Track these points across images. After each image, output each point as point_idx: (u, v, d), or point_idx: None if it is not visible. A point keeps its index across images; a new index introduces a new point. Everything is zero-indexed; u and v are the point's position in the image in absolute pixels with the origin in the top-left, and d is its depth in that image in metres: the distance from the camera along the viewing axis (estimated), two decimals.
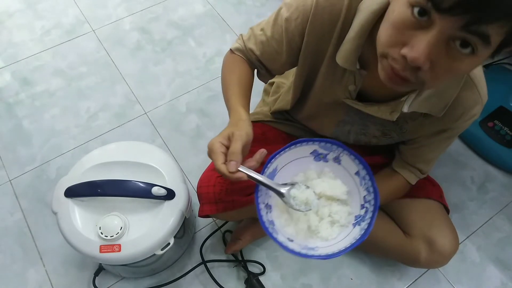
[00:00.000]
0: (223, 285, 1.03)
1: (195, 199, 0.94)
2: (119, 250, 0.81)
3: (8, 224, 1.13)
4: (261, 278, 1.06)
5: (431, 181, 0.99)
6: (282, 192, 0.64)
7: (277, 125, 0.97)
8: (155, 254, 0.86)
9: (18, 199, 1.17)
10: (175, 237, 0.88)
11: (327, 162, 0.71)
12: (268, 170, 0.67)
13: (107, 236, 0.81)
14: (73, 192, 0.84)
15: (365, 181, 0.67)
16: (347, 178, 0.70)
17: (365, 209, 0.67)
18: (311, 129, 0.91)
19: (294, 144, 0.68)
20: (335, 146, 0.68)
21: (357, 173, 0.68)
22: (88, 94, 1.39)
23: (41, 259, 1.08)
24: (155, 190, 0.83)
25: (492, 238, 1.17)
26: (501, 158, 1.27)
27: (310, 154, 0.70)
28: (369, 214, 0.65)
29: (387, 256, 1.06)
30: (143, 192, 0.83)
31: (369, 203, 0.66)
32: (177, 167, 0.92)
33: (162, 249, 0.86)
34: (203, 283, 1.06)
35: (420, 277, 1.10)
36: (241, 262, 1.07)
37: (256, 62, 0.78)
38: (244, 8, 1.65)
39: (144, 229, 0.83)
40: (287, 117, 0.96)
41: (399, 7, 0.47)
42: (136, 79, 1.43)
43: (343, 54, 0.65)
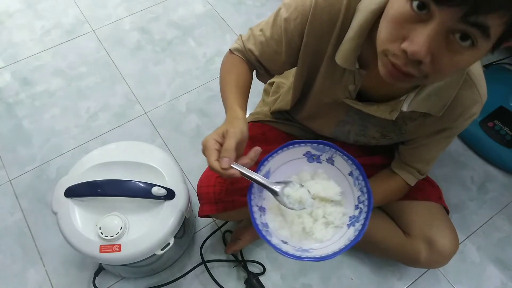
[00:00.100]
0: (223, 285, 1.03)
1: (195, 199, 0.94)
2: (119, 250, 0.81)
3: (8, 224, 1.13)
4: (261, 278, 1.06)
5: (431, 182, 0.99)
6: (276, 190, 0.63)
7: (277, 125, 0.97)
8: (155, 254, 0.86)
9: (18, 199, 1.17)
10: (175, 237, 0.88)
11: (320, 163, 0.70)
12: (261, 173, 0.67)
13: (107, 236, 0.81)
14: (73, 192, 0.84)
15: (359, 181, 0.67)
16: (340, 178, 0.70)
17: (359, 209, 0.66)
18: (311, 129, 0.91)
19: (287, 146, 0.68)
20: (327, 147, 0.68)
21: (351, 174, 0.68)
22: (88, 94, 1.39)
23: (41, 259, 1.08)
24: (155, 190, 0.83)
25: (492, 238, 1.17)
26: (501, 158, 1.27)
27: (303, 155, 0.70)
28: (363, 215, 0.65)
29: (387, 256, 1.06)
30: (143, 192, 0.83)
31: (363, 203, 0.66)
32: (177, 167, 0.92)
33: (162, 249, 0.86)
34: (203, 283, 1.06)
35: (420, 277, 1.10)
36: (241, 262, 1.07)
37: (255, 63, 0.78)
38: (244, 8, 1.65)
39: (144, 229, 0.83)
40: (287, 117, 0.96)
41: (398, 1, 0.48)
42: (136, 79, 1.43)
43: (343, 54, 0.65)
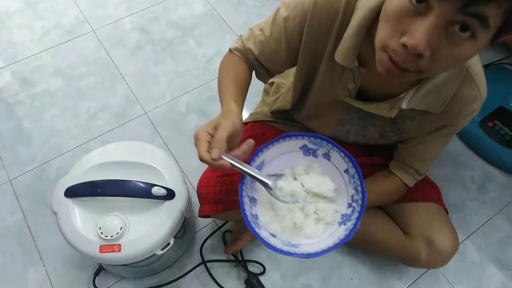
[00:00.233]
0: (223, 285, 1.03)
1: (195, 199, 0.94)
2: (119, 250, 0.81)
3: (8, 224, 1.13)
4: (261, 278, 1.06)
5: (430, 183, 0.98)
6: (267, 183, 0.62)
7: (277, 125, 0.97)
8: (155, 254, 0.86)
9: (18, 199, 1.17)
10: (175, 237, 0.88)
11: (316, 157, 0.69)
12: (255, 164, 0.66)
13: (107, 236, 0.81)
14: (73, 192, 0.84)
15: (354, 179, 0.66)
16: (336, 175, 0.68)
17: (352, 208, 0.65)
18: (311, 129, 0.91)
19: (283, 138, 0.67)
20: (324, 142, 0.67)
21: (346, 171, 0.67)
22: (88, 94, 1.39)
23: (41, 259, 1.08)
24: (155, 190, 0.83)
25: (492, 238, 1.17)
26: (501, 158, 1.27)
27: (300, 148, 0.69)
28: (356, 214, 0.63)
29: (387, 256, 1.06)
30: (143, 192, 0.83)
31: (356, 202, 0.65)
32: (177, 167, 0.92)
33: (162, 249, 0.86)
34: (203, 283, 1.06)
35: (420, 277, 1.10)
36: (241, 262, 1.07)
37: (254, 62, 0.78)
38: (244, 8, 1.65)
39: (144, 229, 0.83)
40: (287, 117, 0.96)
41: None
42: (136, 79, 1.43)
43: (342, 52, 0.65)
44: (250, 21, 1.61)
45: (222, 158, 0.58)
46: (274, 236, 0.64)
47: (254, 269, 1.08)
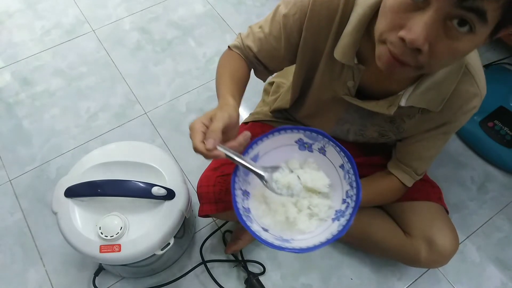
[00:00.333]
0: (223, 285, 1.03)
1: (195, 199, 0.94)
2: (119, 250, 0.81)
3: (8, 224, 1.13)
4: (261, 278, 1.06)
5: (431, 182, 0.99)
6: (262, 175, 0.61)
7: (277, 124, 0.97)
8: (155, 254, 0.86)
9: (18, 199, 1.17)
10: (175, 237, 0.88)
11: (312, 152, 0.68)
12: (249, 156, 0.65)
13: (107, 236, 0.81)
14: (73, 192, 0.84)
15: (349, 175, 0.64)
16: (331, 170, 0.67)
17: (346, 204, 0.64)
18: None
19: (278, 130, 0.65)
20: (320, 136, 0.65)
21: (342, 166, 0.65)
22: (88, 94, 1.39)
23: (41, 259, 1.08)
24: (155, 190, 0.83)
25: (492, 238, 1.17)
26: (501, 158, 1.27)
27: (295, 142, 0.68)
28: (350, 210, 0.62)
29: (387, 256, 1.06)
30: (143, 192, 0.83)
31: (351, 198, 0.63)
32: (177, 167, 0.92)
33: (162, 249, 0.86)
34: (203, 283, 1.06)
35: (420, 277, 1.10)
36: (241, 262, 1.07)
37: (253, 60, 0.78)
38: (244, 8, 1.65)
39: (144, 229, 0.83)
40: (287, 117, 0.96)
41: None
42: (136, 79, 1.43)
43: (341, 49, 0.65)
44: (250, 21, 1.61)
45: (217, 149, 0.56)
46: (266, 230, 0.63)
47: (254, 269, 1.08)
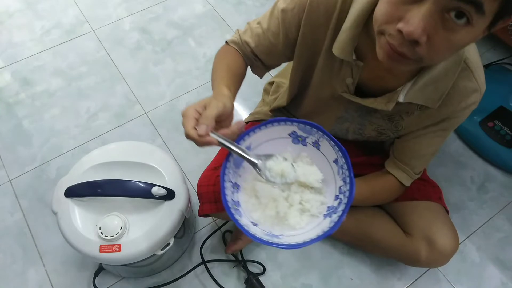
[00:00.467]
0: (223, 285, 1.03)
1: (195, 199, 0.94)
2: (119, 250, 0.81)
3: (8, 224, 1.13)
4: (261, 278, 1.06)
5: (431, 182, 0.99)
6: (255, 162, 0.59)
7: None
8: (155, 254, 0.86)
9: (18, 199, 1.17)
10: (175, 237, 0.88)
11: (305, 146, 0.66)
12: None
13: (107, 236, 0.81)
14: (73, 192, 0.84)
15: (343, 170, 0.62)
16: (324, 165, 0.65)
17: (339, 200, 0.62)
18: None
19: (271, 122, 0.63)
20: (314, 130, 0.63)
21: (336, 161, 0.63)
22: (88, 94, 1.39)
23: (41, 259, 1.08)
24: (155, 190, 0.83)
25: (492, 238, 1.17)
26: (501, 158, 1.27)
27: (289, 135, 0.66)
28: (342, 206, 0.60)
29: (387, 256, 1.06)
30: (143, 192, 0.83)
31: (343, 194, 0.61)
32: (177, 167, 0.92)
33: (162, 249, 0.86)
34: (203, 283, 1.06)
35: (420, 277, 1.10)
36: (241, 262, 1.07)
37: (250, 55, 0.78)
38: (244, 8, 1.65)
39: (144, 229, 0.83)
40: (286, 115, 0.96)
41: None
42: (136, 79, 1.43)
43: (340, 45, 0.65)
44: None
45: (209, 135, 0.55)
46: (256, 225, 0.61)
47: (254, 269, 1.08)
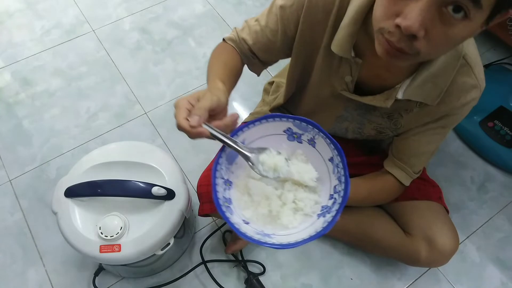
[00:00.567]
0: (223, 285, 1.03)
1: (195, 199, 0.94)
2: (119, 250, 0.81)
3: (8, 224, 1.13)
4: (261, 278, 1.06)
5: (431, 182, 0.99)
6: (248, 155, 0.58)
7: None
8: (155, 254, 0.86)
9: (18, 199, 1.17)
10: (175, 237, 0.88)
11: (301, 143, 0.64)
12: None
13: (107, 236, 0.81)
14: (73, 192, 0.84)
15: (338, 169, 0.61)
16: (320, 163, 0.63)
17: (333, 199, 0.60)
18: None
19: (266, 118, 0.62)
20: (310, 127, 0.62)
21: (331, 160, 0.62)
22: (88, 94, 1.39)
23: (41, 259, 1.08)
24: (155, 190, 0.83)
25: (492, 238, 1.17)
26: (501, 158, 1.27)
27: (284, 132, 0.64)
28: (336, 206, 0.58)
29: (387, 255, 1.06)
30: (143, 192, 0.83)
31: (338, 194, 0.60)
32: (177, 167, 0.92)
33: (162, 249, 0.86)
34: (203, 283, 1.06)
35: (420, 277, 1.10)
36: (241, 262, 1.07)
37: (247, 53, 0.77)
38: (244, 8, 1.66)
39: (144, 229, 0.83)
40: None
41: None
42: (136, 79, 1.43)
43: (338, 42, 0.65)
44: None
45: (201, 126, 0.53)
46: (247, 223, 0.60)
47: (254, 269, 1.08)
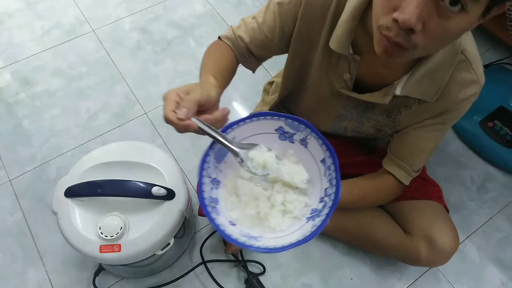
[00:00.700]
0: (223, 285, 1.03)
1: (195, 199, 0.94)
2: (119, 250, 0.81)
3: (8, 224, 1.13)
4: (261, 278, 1.06)
5: (431, 182, 0.99)
6: (237, 151, 0.57)
7: None
8: (155, 254, 0.86)
9: (18, 199, 1.17)
10: (175, 237, 0.88)
11: (293, 143, 0.62)
12: None
13: (107, 236, 0.81)
14: (73, 192, 0.84)
15: (330, 171, 0.59)
16: (311, 164, 0.61)
17: (323, 203, 0.58)
18: None
19: (257, 116, 0.60)
20: (303, 126, 0.60)
21: (323, 161, 0.60)
22: (88, 94, 1.39)
23: (41, 259, 1.08)
24: (155, 190, 0.83)
25: (492, 238, 1.17)
26: (501, 158, 1.27)
27: (275, 131, 0.62)
28: (326, 210, 0.56)
29: (387, 255, 1.06)
30: (143, 192, 0.83)
31: (329, 197, 0.58)
32: (177, 167, 0.92)
33: (162, 249, 0.86)
34: (203, 283, 1.06)
35: (420, 277, 1.10)
36: (241, 262, 1.07)
37: (244, 51, 0.77)
38: (244, 8, 1.65)
39: (144, 229, 0.83)
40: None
41: None
42: (136, 79, 1.43)
43: (336, 39, 0.65)
44: None
45: (190, 120, 0.52)
46: (234, 225, 0.58)
47: (254, 269, 1.08)
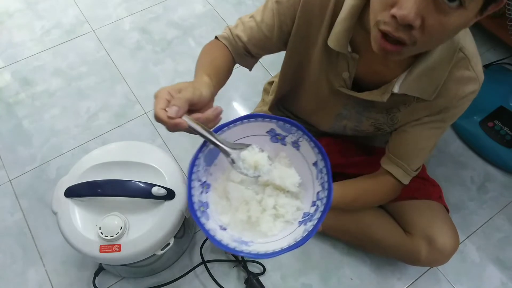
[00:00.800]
0: (223, 285, 1.03)
1: None
2: (119, 250, 0.81)
3: (8, 224, 1.13)
4: (261, 278, 1.06)
5: (431, 181, 0.99)
6: (228, 151, 0.56)
7: None
8: (155, 254, 0.86)
9: (18, 199, 1.17)
10: (175, 237, 0.88)
11: (285, 145, 0.61)
12: None
13: (107, 236, 0.81)
14: (73, 192, 0.84)
15: (322, 174, 0.58)
16: (303, 168, 0.61)
17: (315, 206, 0.57)
18: (310, 124, 0.91)
19: (248, 118, 0.59)
20: (294, 128, 0.59)
21: (315, 164, 0.59)
22: (88, 94, 1.39)
23: (41, 259, 1.08)
24: (155, 190, 0.83)
25: (492, 238, 1.17)
26: (501, 158, 1.27)
27: (267, 133, 0.61)
28: (318, 214, 0.55)
29: (387, 255, 1.06)
30: (143, 192, 0.83)
31: (321, 201, 0.57)
32: (177, 167, 0.92)
33: (162, 249, 0.86)
34: (203, 283, 1.06)
35: (420, 277, 1.10)
36: (241, 262, 1.07)
37: (241, 51, 0.76)
38: (244, 8, 1.65)
39: (144, 229, 0.83)
40: (287, 115, 0.96)
41: None
42: (136, 79, 1.43)
43: (335, 37, 0.65)
44: None
45: (180, 118, 0.51)
46: (225, 229, 0.57)
47: (254, 269, 1.08)
